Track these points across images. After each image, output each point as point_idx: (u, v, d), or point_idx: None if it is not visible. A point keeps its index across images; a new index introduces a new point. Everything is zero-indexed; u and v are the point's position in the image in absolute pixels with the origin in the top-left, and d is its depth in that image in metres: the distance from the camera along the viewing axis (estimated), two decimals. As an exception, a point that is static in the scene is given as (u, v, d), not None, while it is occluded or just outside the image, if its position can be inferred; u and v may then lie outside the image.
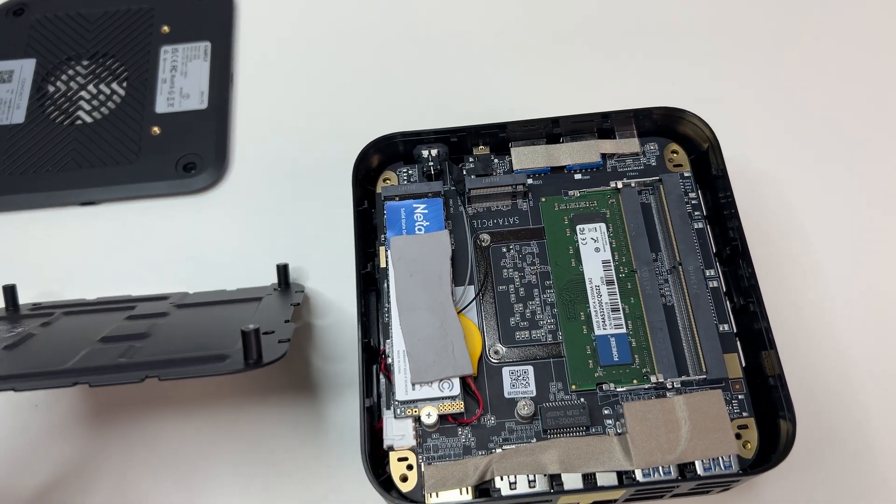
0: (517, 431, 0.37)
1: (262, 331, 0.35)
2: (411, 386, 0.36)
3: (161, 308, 0.43)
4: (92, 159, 0.52)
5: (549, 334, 0.39)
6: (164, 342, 0.38)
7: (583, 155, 0.42)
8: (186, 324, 0.40)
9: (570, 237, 0.41)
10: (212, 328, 0.39)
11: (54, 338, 0.40)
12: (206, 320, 0.41)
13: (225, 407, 0.44)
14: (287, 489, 0.41)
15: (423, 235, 0.40)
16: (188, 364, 0.34)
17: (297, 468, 0.42)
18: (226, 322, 0.40)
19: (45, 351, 0.38)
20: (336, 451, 0.42)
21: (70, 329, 0.42)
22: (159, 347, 0.37)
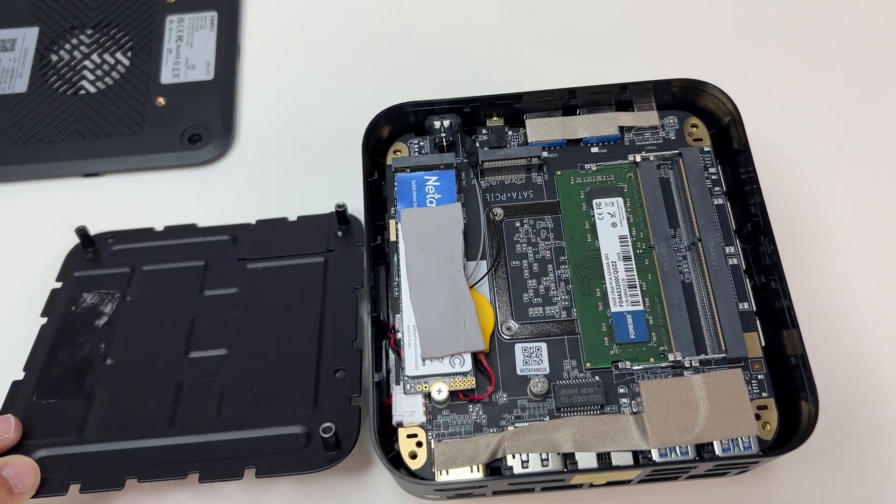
0: (529, 409, 0.36)
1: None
2: (421, 361, 0.35)
3: (231, 284, 0.45)
4: (95, 130, 0.51)
5: (563, 311, 0.37)
6: (239, 385, 0.41)
7: (600, 127, 0.41)
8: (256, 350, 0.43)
9: (586, 212, 0.39)
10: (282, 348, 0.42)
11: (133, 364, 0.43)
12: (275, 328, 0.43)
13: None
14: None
15: (435, 208, 0.39)
16: (277, 454, 0.38)
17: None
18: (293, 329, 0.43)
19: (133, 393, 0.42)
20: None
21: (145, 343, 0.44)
22: (240, 400, 0.41)
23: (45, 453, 0.40)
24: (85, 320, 0.44)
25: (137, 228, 0.48)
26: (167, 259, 0.46)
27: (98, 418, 0.41)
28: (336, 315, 0.43)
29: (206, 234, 0.47)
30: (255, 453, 0.39)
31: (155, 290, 0.45)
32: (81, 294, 0.46)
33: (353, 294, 0.44)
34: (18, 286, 0.47)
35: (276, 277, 0.45)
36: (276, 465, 0.38)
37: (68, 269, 0.47)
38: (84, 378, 0.42)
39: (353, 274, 0.45)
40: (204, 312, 0.44)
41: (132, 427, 0.40)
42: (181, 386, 0.42)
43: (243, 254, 0.46)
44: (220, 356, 0.43)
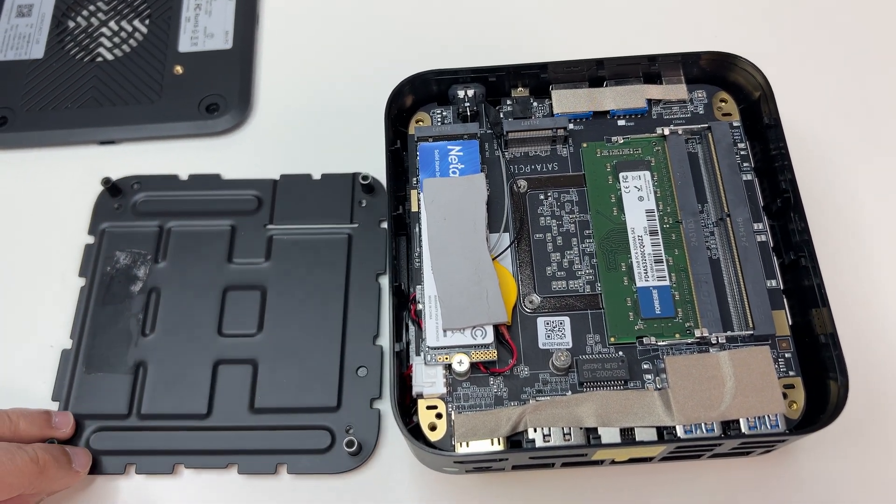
0: (551, 383, 0.35)
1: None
2: (442, 332, 0.35)
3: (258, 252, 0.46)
4: (112, 97, 0.51)
5: (587, 285, 0.37)
6: (269, 376, 0.43)
7: (627, 100, 0.40)
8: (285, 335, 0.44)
9: (612, 185, 0.39)
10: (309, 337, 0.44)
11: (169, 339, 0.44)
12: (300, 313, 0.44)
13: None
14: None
15: (458, 178, 0.38)
16: (305, 454, 0.41)
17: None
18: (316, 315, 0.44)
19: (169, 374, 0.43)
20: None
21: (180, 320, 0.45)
22: (270, 393, 0.42)
23: (98, 427, 0.42)
24: (121, 285, 0.45)
25: (162, 175, 0.48)
26: (193, 214, 0.47)
27: (145, 398, 0.42)
28: (359, 306, 0.44)
29: (231, 186, 0.48)
30: (285, 450, 0.40)
31: (184, 255, 0.46)
32: (114, 253, 0.46)
33: (375, 283, 0.44)
34: (44, 249, 0.47)
35: (302, 252, 0.45)
36: (306, 465, 0.40)
37: (98, 220, 0.47)
38: (126, 351, 0.43)
39: (376, 255, 0.45)
40: (233, 286, 0.45)
41: (176, 410, 0.42)
42: (217, 368, 0.43)
43: (269, 216, 0.46)
44: (251, 339, 0.43)
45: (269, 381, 0.42)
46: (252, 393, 0.42)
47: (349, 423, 0.41)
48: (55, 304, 0.45)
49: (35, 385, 0.43)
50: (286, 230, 0.46)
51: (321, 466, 0.40)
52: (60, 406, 0.42)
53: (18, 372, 0.44)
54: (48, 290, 0.46)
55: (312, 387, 0.42)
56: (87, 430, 0.41)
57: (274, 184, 0.48)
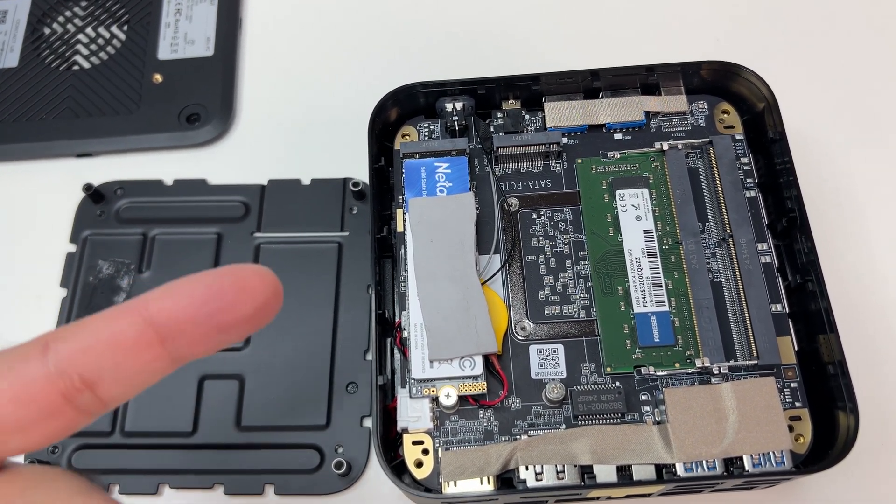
0: (544, 416, 0.33)
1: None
2: (429, 363, 0.33)
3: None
4: (89, 108, 0.49)
5: (581, 310, 0.35)
6: (257, 393, 0.41)
7: (624, 112, 0.38)
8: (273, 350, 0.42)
9: (608, 203, 0.37)
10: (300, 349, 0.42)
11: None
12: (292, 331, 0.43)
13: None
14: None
15: (446, 197, 0.36)
16: (293, 474, 0.39)
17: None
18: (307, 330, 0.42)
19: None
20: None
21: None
22: (257, 410, 0.41)
23: (80, 445, 0.40)
24: (104, 295, 0.43)
25: (146, 180, 0.47)
26: (179, 221, 0.45)
27: (129, 414, 0.40)
28: (349, 319, 0.42)
29: (217, 192, 0.46)
30: (273, 469, 0.39)
31: (169, 265, 0.44)
32: (97, 262, 0.44)
33: (366, 294, 0.43)
34: (23, 259, 0.45)
35: (290, 261, 0.44)
36: (294, 485, 0.39)
37: (80, 227, 0.46)
38: None
39: (367, 266, 0.43)
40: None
41: (160, 427, 0.40)
42: (202, 383, 0.41)
43: (256, 224, 0.45)
44: (237, 353, 0.42)
45: (256, 398, 0.40)
46: (238, 409, 0.40)
47: (338, 442, 0.39)
48: (35, 317, 0.43)
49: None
50: (274, 238, 0.45)
51: (310, 487, 0.39)
52: None
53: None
54: (28, 302, 0.44)
55: (301, 403, 0.40)
56: (68, 449, 0.40)
57: (262, 189, 0.46)
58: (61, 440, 0.40)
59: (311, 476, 0.39)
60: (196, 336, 0.21)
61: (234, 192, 0.46)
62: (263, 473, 0.39)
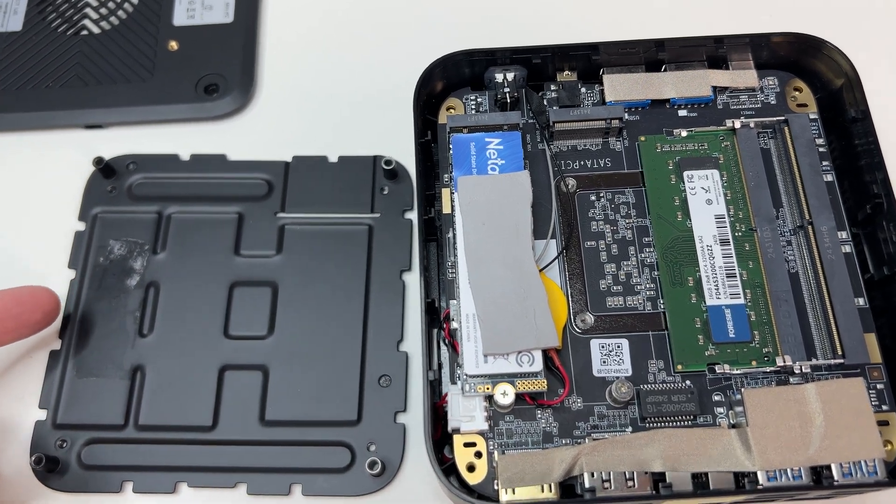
0: (608, 417, 0.30)
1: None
2: (483, 358, 0.30)
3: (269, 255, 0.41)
4: (99, 76, 0.45)
5: (647, 302, 0.32)
6: (281, 385, 0.38)
7: (690, 87, 0.35)
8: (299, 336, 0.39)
9: (675, 185, 0.34)
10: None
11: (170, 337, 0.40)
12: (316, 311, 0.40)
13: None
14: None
15: (499, 176, 0.33)
16: (321, 472, 0.36)
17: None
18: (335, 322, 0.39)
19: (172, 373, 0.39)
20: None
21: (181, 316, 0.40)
22: (282, 404, 0.38)
23: (91, 439, 0.37)
24: (115, 278, 0.40)
25: (161, 154, 0.43)
26: (196, 199, 0.42)
27: (143, 406, 0.38)
28: (381, 306, 0.39)
29: (237, 168, 0.43)
30: (300, 468, 0.36)
31: (187, 246, 0.41)
32: (108, 242, 0.41)
33: (399, 280, 0.40)
34: (28, 237, 0.42)
35: (317, 244, 0.41)
36: (323, 485, 0.36)
37: (89, 204, 0.42)
38: (123, 354, 0.39)
39: (400, 249, 0.40)
40: (241, 281, 0.40)
41: (177, 421, 0.37)
42: (223, 374, 0.38)
43: (280, 203, 0.42)
44: (261, 342, 0.39)
45: (281, 390, 0.38)
46: (262, 403, 0.37)
47: (371, 440, 0.36)
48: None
49: (20, 391, 0.38)
50: (299, 219, 0.41)
51: (340, 487, 0.36)
52: (48, 416, 0.38)
53: (7, 377, 0.39)
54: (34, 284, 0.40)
55: (330, 397, 0.37)
56: (78, 443, 0.37)
57: (286, 166, 0.43)
58: (73, 436, 0.37)
59: (341, 476, 0.36)
60: (3, 330, 0.35)
61: (256, 169, 0.43)
62: (289, 472, 0.36)
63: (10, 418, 0.38)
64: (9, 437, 0.38)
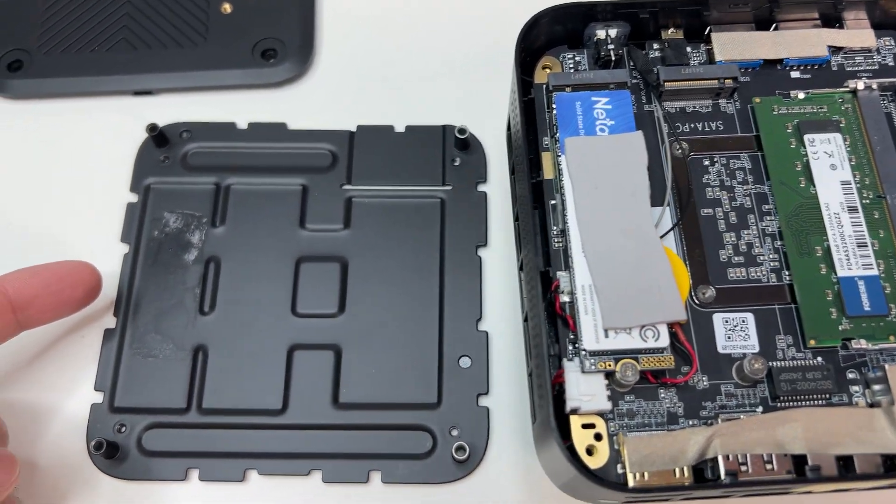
0: (737, 397, 0.28)
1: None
2: (604, 332, 0.27)
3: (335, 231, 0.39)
4: (148, 39, 0.42)
5: (771, 273, 0.30)
6: (354, 364, 0.36)
7: (804, 47, 0.33)
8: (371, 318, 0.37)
9: (795, 150, 0.31)
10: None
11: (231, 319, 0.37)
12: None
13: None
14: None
15: (611, 137, 0.30)
16: (400, 458, 0.34)
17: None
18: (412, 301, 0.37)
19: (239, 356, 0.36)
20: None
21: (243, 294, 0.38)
22: (356, 385, 0.36)
23: (151, 423, 0.35)
24: (171, 252, 0.38)
25: (217, 122, 0.41)
26: (256, 170, 0.40)
27: (206, 389, 0.35)
28: (457, 283, 0.37)
29: (299, 138, 0.41)
30: (378, 454, 0.34)
31: (247, 218, 0.39)
32: (162, 214, 0.39)
33: (475, 256, 0.38)
34: (76, 210, 0.40)
35: (386, 217, 0.39)
36: (404, 472, 0.34)
37: (141, 174, 0.40)
38: (183, 333, 0.36)
39: (475, 223, 0.38)
40: (307, 256, 0.38)
41: (244, 404, 0.35)
42: (292, 354, 0.36)
43: (346, 175, 0.40)
44: (331, 320, 0.37)
45: (355, 371, 0.35)
46: (335, 385, 0.35)
47: (452, 423, 0.34)
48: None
49: (73, 372, 0.36)
50: (367, 192, 0.39)
51: (422, 474, 0.34)
52: (104, 399, 0.35)
53: (58, 354, 0.37)
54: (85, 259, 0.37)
55: (407, 379, 0.35)
56: (137, 428, 0.35)
57: (350, 136, 0.40)
58: (131, 420, 0.35)
59: (422, 462, 0.34)
60: (41, 308, 0.33)
61: (319, 139, 0.41)
62: (367, 458, 0.34)
63: (64, 401, 0.36)
64: (64, 420, 0.35)
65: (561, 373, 0.28)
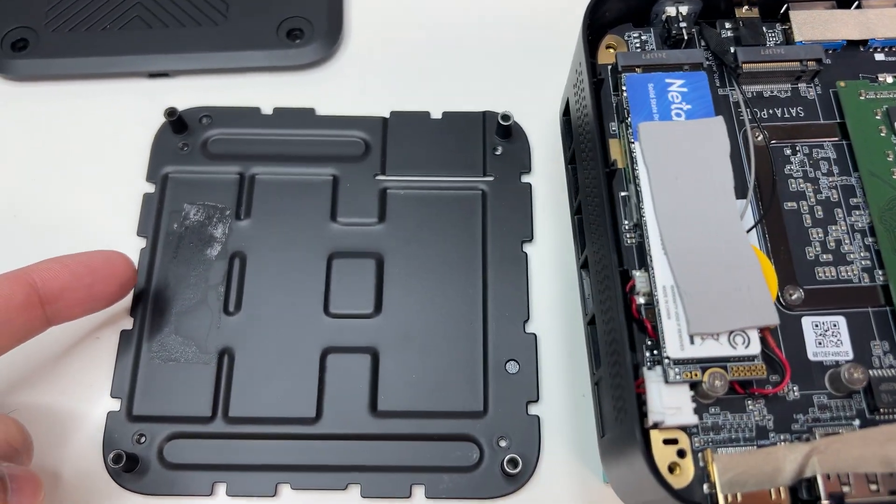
0: (831, 409, 0.25)
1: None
2: (689, 339, 0.25)
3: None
4: (165, 17, 0.39)
5: (863, 273, 0.27)
6: (393, 369, 0.33)
7: (891, 27, 0.30)
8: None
9: (886, 138, 0.29)
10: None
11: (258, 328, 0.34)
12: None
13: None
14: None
15: (689, 122, 0.28)
16: (445, 471, 0.32)
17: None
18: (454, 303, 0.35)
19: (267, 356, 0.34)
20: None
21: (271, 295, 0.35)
22: (395, 391, 0.33)
23: (174, 433, 0.32)
24: (192, 247, 0.35)
25: (239, 107, 0.38)
26: (283, 159, 0.37)
27: (233, 396, 0.33)
28: (502, 281, 0.35)
29: (328, 125, 0.38)
30: (420, 467, 0.32)
31: (274, 211, 0.36)
32: (182, 206, 0.36)
33: (520, 252, 0.35)
34: (90, 201, 0.37)
35: (424, 211, 0.36)
36: (449, 486, 0.31)
37: (158, 162, 0.37)
38: (206, 335, 0.33)
39: (519, 216, 0.36)
40: (340, 252, 0.35)
41: (275, 413, 0.33)
42: (325, 357, 0.33)
43: (380, 164, 0.37)
44: (367, 321, 0.34)
45: (394, 376, 0.33)
46: (373, 391, 0.33)
47: (500, 433, 0.32)
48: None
49: (88, 377, 0.33)
50: (402, 182, 0.37)
51: (469, 489, 0.31)
52: (121, 406, 0.32)
53: (72, 360, 0.34)
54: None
55: (450, 385, 0.33)
56: (158, 438, 0.32)
57: (383, 123, 0.38)
58: (151, 430, 0.32)
59: (469, 475, 0.32)
60: (72, 302, 0.30)
61: (350, 125, 0.38)
62: (409, 471, 0.32)
63: (79, 408, 0.33)
64: (78, 430, 0.32)
65: (640, 382, 0.25)
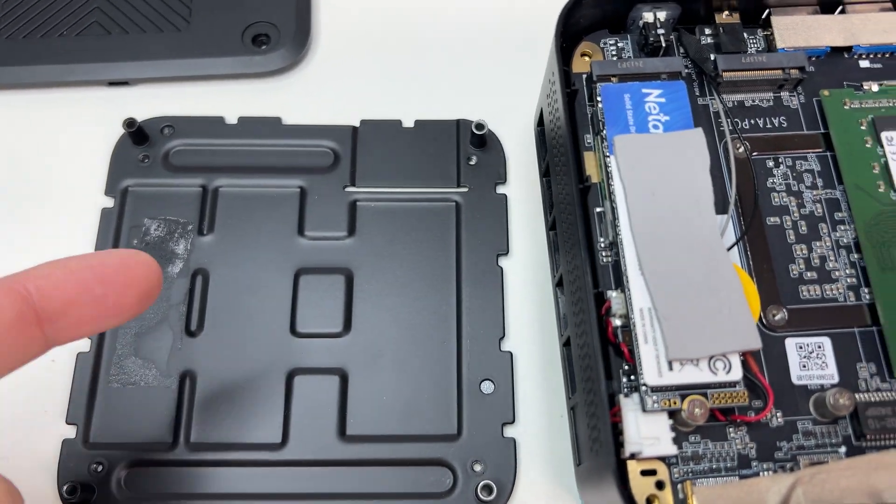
0: (816, 436, 0.24)
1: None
2: (667, 364, 0.24)
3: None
4: (125, 23, 0.38)
5: (849, 291, 0.26)
6: (363, 390, 0.32)
7: (875, 33, 0.29)
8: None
9: (871, 149, 0.28)
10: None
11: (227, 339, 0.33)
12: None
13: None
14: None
15: (667, 135, 0.26)
16: (419, 498, 0.31)
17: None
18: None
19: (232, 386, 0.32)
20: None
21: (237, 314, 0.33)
22: (365, 414, 0.32)
23: (132, 461, 0.31)
24: None
25: (203, 116, 0.37)
26: (248, 170, 0.36)
27: (195, 421, 0.31)
28: (476, 297, 0.33)
29: (295, 134, 0.36)
30: (391, 493, 0.30)
31: (239, 225, 0.35)
32: (142, 221, 0.34)
33: (495, 266, 0.34)
34: (45, 217, 0.35)
35: (396, 223, 0.35)
36: None
37: (117, 175, 0.35)
38: (168, 356, 0.32)
39: (494, 229, 0.35)
40: (307, 268, 0.34)
41: (239, 438, 0.31)
42: (291, 379, 0.32)
43: (349, 175, 0.35)
44: (335, 341, 0.33)
45: (363, 399, 0.32)
46: (342, 414, 0.31)
47: (475, 457, 0.31)
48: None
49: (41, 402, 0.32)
50: (373, 194, 0.35)
51: None
52: (77, 433, 0.31)
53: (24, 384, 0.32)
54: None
55: (423, 406, 0.31)
56: (117, 467, 0.30)
57: (353, 132, 0.36)
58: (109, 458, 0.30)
59: (442, 501, 0.30)
60: (77, 319, 0.22)
61: (318, 135, 0.36)
62: (379, 498, 0.30)
63: (31, 436, 0.31)
64: (31, 459, 0.31)
65: (616, 410, 0.24)
